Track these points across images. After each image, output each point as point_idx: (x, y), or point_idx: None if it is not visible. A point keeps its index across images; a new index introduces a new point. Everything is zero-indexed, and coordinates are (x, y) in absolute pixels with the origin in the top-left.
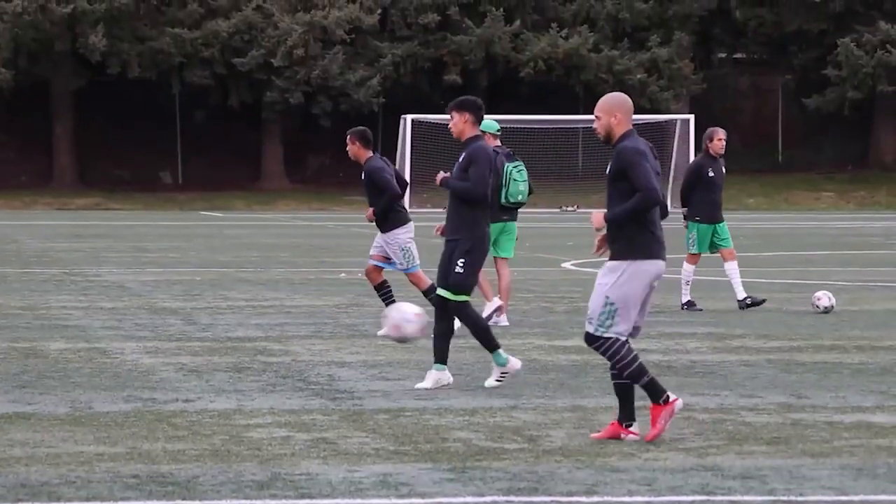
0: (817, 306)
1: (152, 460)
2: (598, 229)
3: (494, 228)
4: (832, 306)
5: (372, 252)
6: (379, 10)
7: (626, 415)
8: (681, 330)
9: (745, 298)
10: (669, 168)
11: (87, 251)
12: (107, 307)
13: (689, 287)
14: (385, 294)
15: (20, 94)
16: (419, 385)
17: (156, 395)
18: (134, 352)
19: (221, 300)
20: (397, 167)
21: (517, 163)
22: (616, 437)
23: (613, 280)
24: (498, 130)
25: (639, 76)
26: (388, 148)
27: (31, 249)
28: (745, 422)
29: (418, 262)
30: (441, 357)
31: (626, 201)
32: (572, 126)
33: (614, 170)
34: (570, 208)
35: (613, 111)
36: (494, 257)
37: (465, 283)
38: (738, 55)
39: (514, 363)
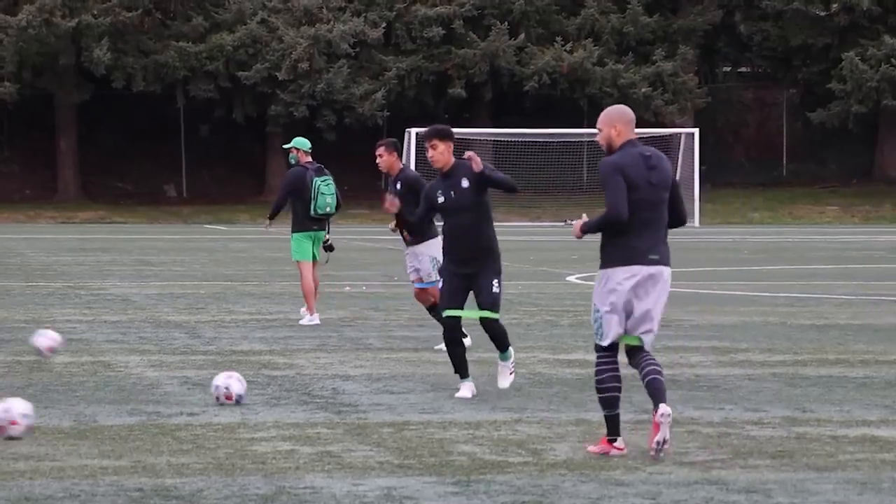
0: None
1: (156, 474)
2: (577, 237)
3: (306, 237)
4: None
5: (411, 277)
6: (383, 24)
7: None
8: (685, 344)
9: None
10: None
11: (91, 264)
12: (111, 320)
13: None
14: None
15: (24, 108)
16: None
17: (160, 408)
18: (138, 365)
19: (226, 313)
20: None
21: (325, 177)
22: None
23: (595, 288)
24: (310, 148)
25: (643, 90)
26: None
27: (36, 263)
28: (749, 436)
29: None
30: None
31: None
32: (576, 139)
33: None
34: (574, 222)
35: (614, 123)
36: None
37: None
38: (743, 69)
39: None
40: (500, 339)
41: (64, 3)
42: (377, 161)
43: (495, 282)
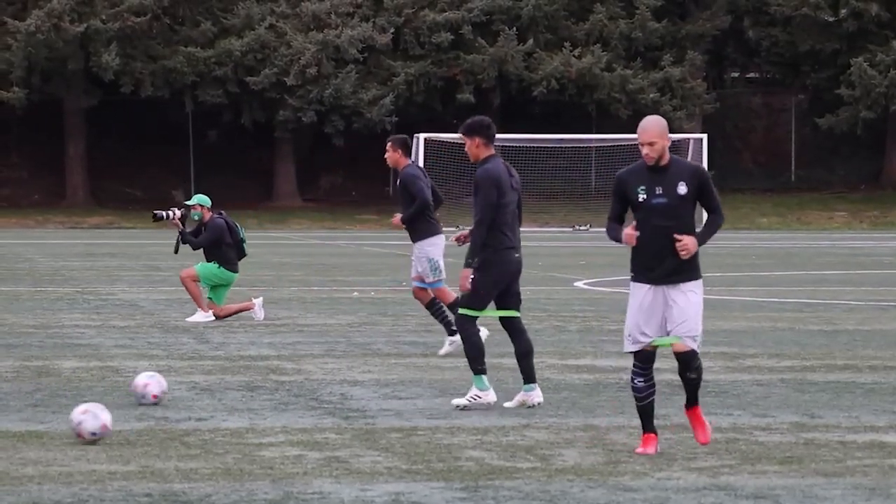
0: None
1: (165, 479)
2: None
3: (229, 278)
4: None
5: (412, 273)
6: (392, 30)
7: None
8: None
9: None
10: None
11: (99, 270)
12: (119, 326)
13: None
14: (437, 311)
15: (33, 113)
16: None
17: (168, 413)
18: (146, 370)
19: (234, 319)
20: None
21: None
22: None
23: (700, 297)
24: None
25: (651, 95)
26: None
27: (44, 268)
28: (757, 441)
29: (444, 276)
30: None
31: (691, 219)
32: (585, 145)
33: (696, 189)
34: (582, 227)
35: (664, 134)
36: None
37: (473, 299)
38: (751, 75)
39: (491, 396)
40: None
41: (73, 9)
42: (386, 156)
43: (471, 278)
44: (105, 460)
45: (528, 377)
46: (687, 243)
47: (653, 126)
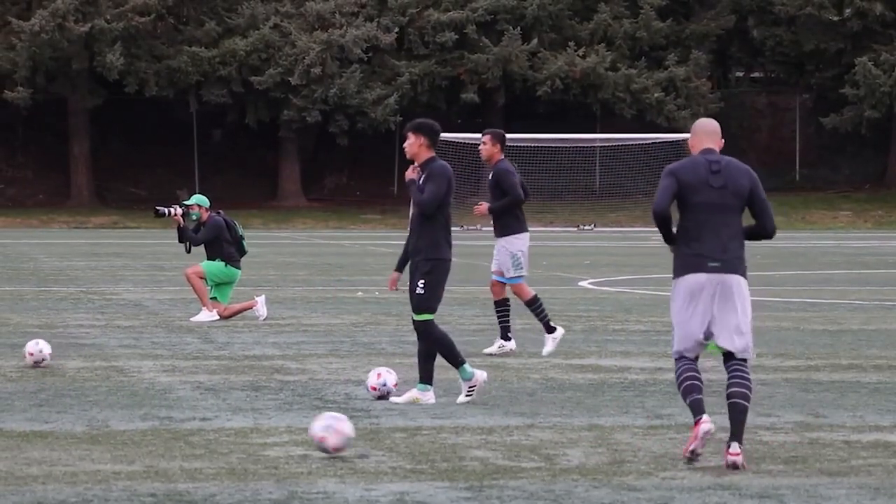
0: None
1: (169, 479)
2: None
3: (234, 276)
4: None
5: (493, 267)
6: (396, 29)
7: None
8: None
9: None
10: None
11: (104, 269)
12: (124, 325)
13: None
14: (537, 310)
15: (37, 113)
16: (395, 399)
17: (173, 413)
18: (151, 370)
19: (238, 318)
20: None
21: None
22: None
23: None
24: (209, 204)
25: (656, 95)
26: (405, 166)
27: (49, 268)
28: (762, 441)
29: (525, 273)
30: (426, 377)
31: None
32: (589, 145)
33: None
34: (587, 227)
35: (691, 136)
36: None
37: (429, 302)
38: (756, 74)
39: (480, 375)
40: (423, 347)
41: (77, 8)
42: (480, 148)
43: (420, 283)
44: (109, 460)
45: (426, 378)
46: None
47: None
